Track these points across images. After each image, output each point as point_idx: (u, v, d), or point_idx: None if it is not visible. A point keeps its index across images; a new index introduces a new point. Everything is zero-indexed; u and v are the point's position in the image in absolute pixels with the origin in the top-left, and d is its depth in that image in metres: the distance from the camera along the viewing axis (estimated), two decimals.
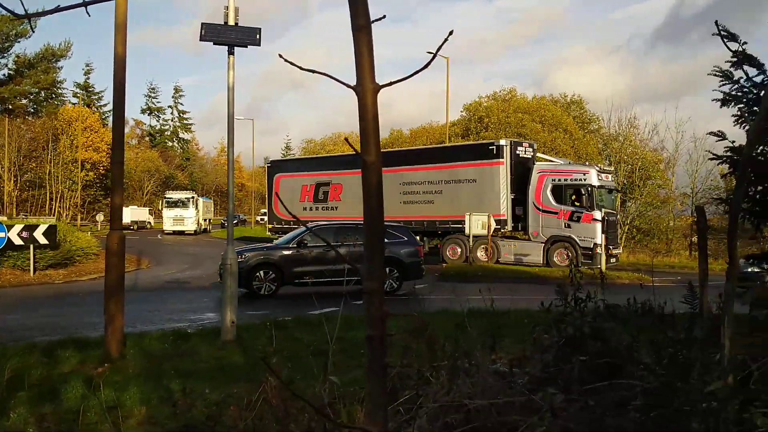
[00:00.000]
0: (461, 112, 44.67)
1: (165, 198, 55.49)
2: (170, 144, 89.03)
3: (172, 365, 8.46)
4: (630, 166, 38.85)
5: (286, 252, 16.72)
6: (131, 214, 59.32)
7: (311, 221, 29.78)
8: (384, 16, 1.58)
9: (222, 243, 24.55)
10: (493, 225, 24.75)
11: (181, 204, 53.96)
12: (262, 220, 61.45)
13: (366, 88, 1.45)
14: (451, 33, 1.43)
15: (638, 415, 2.43)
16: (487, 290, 5.77)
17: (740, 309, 4.95)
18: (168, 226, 53.51)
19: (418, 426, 3.18)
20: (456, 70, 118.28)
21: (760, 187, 6.38)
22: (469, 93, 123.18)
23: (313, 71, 1.53)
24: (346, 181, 30.26)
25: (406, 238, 17.44)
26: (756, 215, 6.44)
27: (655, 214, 38.17)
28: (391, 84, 1.49)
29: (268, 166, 35.15)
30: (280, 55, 1.56)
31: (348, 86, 1.47)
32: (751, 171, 6.39)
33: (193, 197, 55.22)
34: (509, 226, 26.00)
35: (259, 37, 10.35)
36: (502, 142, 26.22)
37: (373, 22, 1.48)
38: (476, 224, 24.32)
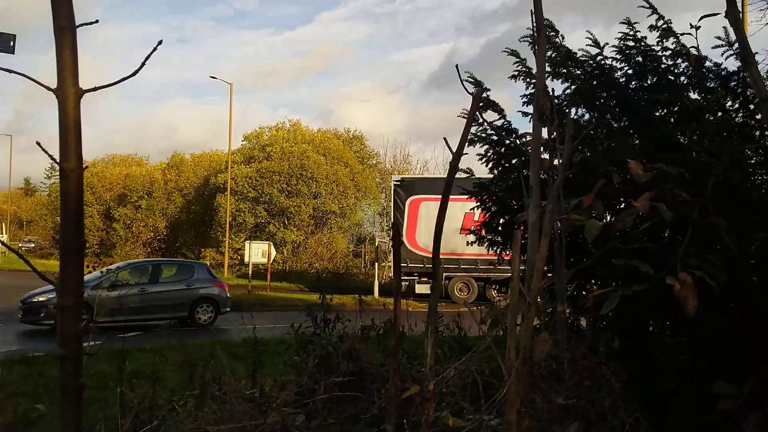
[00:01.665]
0: (242, 141, 44.21)
1: None
2: None
3: None
4: None
5: None
6: None
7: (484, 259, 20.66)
8: (97, 21, 1.53)
9: None
10: (273, 253, 24.71)
11: None
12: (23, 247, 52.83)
13: (67, 92, 1.38)
14: (160, 42, 1.42)
15: (371, 427, 2.56)
16: (251, 318, 5.71)
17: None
18: None
19: None
20: (243, 98, 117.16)
21: (502, 220, 7.12)
22: (257, 121, 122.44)
23: (10, 71, 1.42)
24: None
25: None
26: (498, 245, 7.17)
27: None
28: (95, 89, 1.43)
29: (396, 185, 26.28)
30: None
31: (48, 89, 1.39)
32: (494, 204, 7.12)
33: None
34: None
35: (13, 44, 9.42)
36: None
37: (79, 26, 1.42)
38: (256, 252, 24.14)
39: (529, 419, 1.91)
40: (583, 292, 5.67)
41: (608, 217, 4.86)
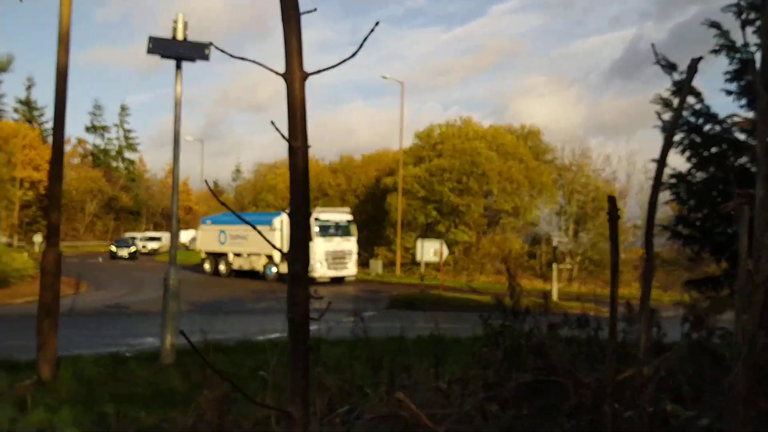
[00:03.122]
0: (414, 140, 44.52)
1: (317, 221, 29.86)
2: (115, 164, 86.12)
3: (106, 389, 8.22)
4: (583, 197, 39.46)
5: None
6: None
7: None
8: (315, 9, 1.61)
9: None
10: (446, 252, 24.80)
11: (342, 232, 30.82)
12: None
13: (294, 76, 1.48)
14: (377, 24, 1.47)
15: (570, 419, 2.47)
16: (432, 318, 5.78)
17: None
18: (324, 268, 29.27)
19: None
20: (415, 98, 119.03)
21: (700, 215, 6.57)
22: (429, 121, 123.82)
23: (243, 59, 1.55)
24: None
25: None
26: (696, 242, 6.62)
27: (607, 245, 38.50)
28: (319, 72, 1.52)
29: None
30: (212, 43, 1.57)
31: (277, 74, 1.49)
32: (691, 197, 6.57)
33: (351, 221, 31.98)
34: None
35: (208, 52, 10.31)
36: None
37: (303, 13, 1.52)
38: (428, 251, 24.36)
39: (755, 410, 1.73)
40: None
41: None
